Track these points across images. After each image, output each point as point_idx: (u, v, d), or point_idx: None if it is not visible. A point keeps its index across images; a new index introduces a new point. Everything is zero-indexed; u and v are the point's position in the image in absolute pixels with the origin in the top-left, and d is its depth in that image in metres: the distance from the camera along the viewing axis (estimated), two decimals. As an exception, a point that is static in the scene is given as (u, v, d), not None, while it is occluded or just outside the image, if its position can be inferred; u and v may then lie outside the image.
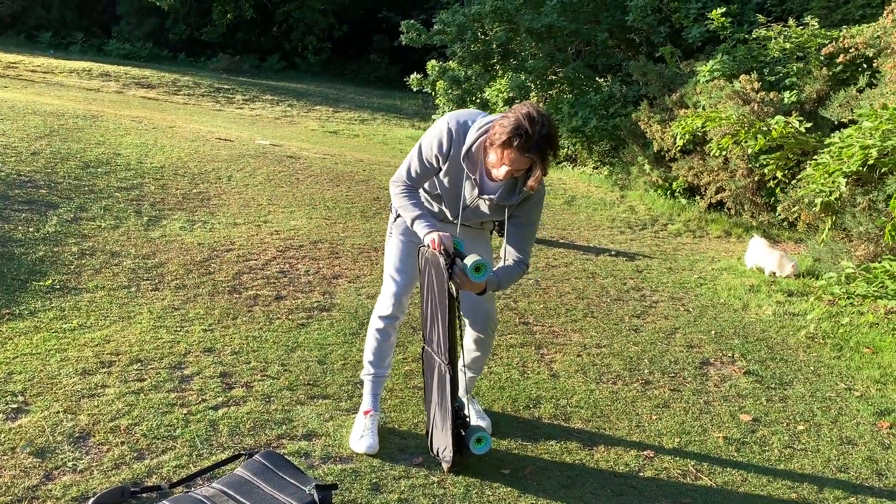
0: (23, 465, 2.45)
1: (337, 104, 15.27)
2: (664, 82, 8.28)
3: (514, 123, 2.38)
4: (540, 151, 2.41)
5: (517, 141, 2.38)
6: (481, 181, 2.64)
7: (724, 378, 3.86)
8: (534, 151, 2.40)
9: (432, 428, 2.80)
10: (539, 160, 2.44)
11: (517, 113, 2.41)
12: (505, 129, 2.39)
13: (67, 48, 18.56)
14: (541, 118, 2.40)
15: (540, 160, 2.44)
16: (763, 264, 5.68)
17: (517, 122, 2.38)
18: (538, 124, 2.38)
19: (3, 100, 8.76)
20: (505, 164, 2.46)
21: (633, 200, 8.04)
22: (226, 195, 6.24)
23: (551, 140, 2.42)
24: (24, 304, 3.71)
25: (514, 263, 2.72)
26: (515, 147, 2.39)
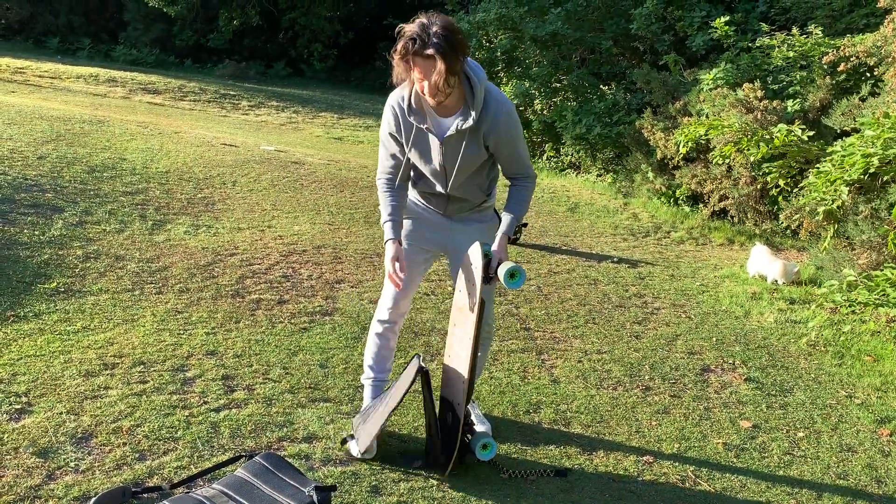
0: (25, 465, 2.48)
1: (342, 111, 15.32)
2: (668, 90, 8.31)
3: (405, 34, 2.41)
4: (435, 46, 2.36)
5: (411, 45, 2.39)
6: (436, 126, 2.64)
7: (725, 385, 3.87)
8: (430, 48, 2.37)
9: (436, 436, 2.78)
10: (438, 55, 2.37)
11: (408, 25, 2.44)
12: (399, 42, 2.43)
13: (75, 54, 18.67)
14: (430, 19, 2.41)
15: (439, 55, 2.37)
16: (765, 272, 5.69)
17: (407, 31, 2.41)
18: (427, 25, 2.39)
19: (10, 105, 8.83)
20: (419, 78, 2.46)
21: (636, 208, 8.06)
22: (230, 200, 6.27)
23: (445, 33, 2.38)
24: (29, 306, 3.74)
25: (518, 184, 2.76)
26: (413, 53, 2.40)
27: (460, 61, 2.44)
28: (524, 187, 2.77)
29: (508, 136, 2.64)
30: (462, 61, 2.46)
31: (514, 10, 10.20)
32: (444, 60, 2.38)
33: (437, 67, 2.40)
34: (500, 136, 2.62)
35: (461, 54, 2.44)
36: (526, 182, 2.77)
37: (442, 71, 2.40)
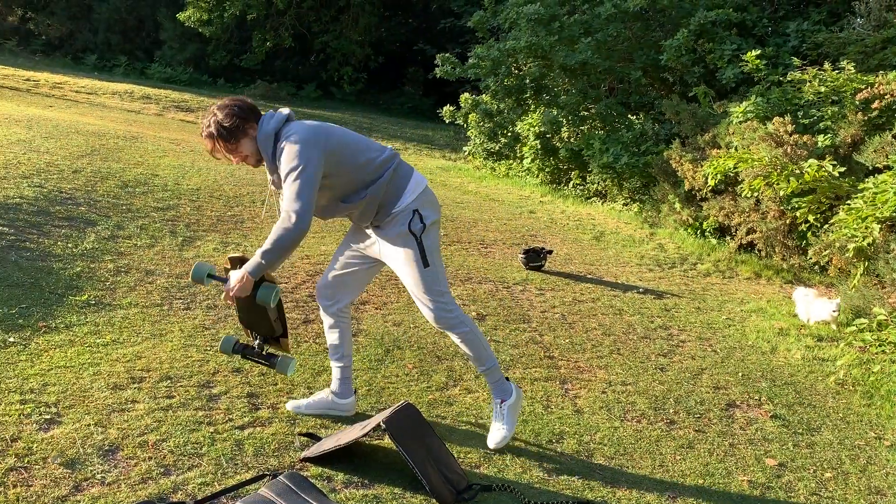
0: (53, 476, 2.50)
1: (370, 133, 15.47)
2: (697, 122, 8.30)
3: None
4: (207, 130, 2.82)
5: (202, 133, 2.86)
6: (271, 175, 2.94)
7: (751, 421, 3.82)
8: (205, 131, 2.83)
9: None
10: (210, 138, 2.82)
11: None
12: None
13: (111, 70, 19.08)
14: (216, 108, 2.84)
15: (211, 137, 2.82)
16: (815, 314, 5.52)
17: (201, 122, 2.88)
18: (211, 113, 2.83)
19: (48, 119, 9.03)
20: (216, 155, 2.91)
21: (662, 238, 8.02)
22: (259, 219, 6.35)
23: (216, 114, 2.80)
24: (61, 317, 3.80)
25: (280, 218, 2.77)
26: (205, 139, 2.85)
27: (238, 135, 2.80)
28: (277, 225, 2.68)
29: (282, 172, 2.74)
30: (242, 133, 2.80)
31: (545, 38, 10.28)
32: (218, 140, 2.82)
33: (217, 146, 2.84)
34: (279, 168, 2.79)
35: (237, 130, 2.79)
36: (283, 219, 2.68)
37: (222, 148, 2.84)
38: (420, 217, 2.91)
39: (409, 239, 2.90)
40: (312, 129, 2.77)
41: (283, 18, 20.07)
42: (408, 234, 2.89)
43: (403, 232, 2.90)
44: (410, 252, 2.90)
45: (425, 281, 2.93)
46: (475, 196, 9.68)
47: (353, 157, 2.85)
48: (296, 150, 2.69)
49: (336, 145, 2.80)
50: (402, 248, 2.92)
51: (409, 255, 2.91)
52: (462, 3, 18.36)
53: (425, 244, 2.90)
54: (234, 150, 2.82)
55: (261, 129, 2.79)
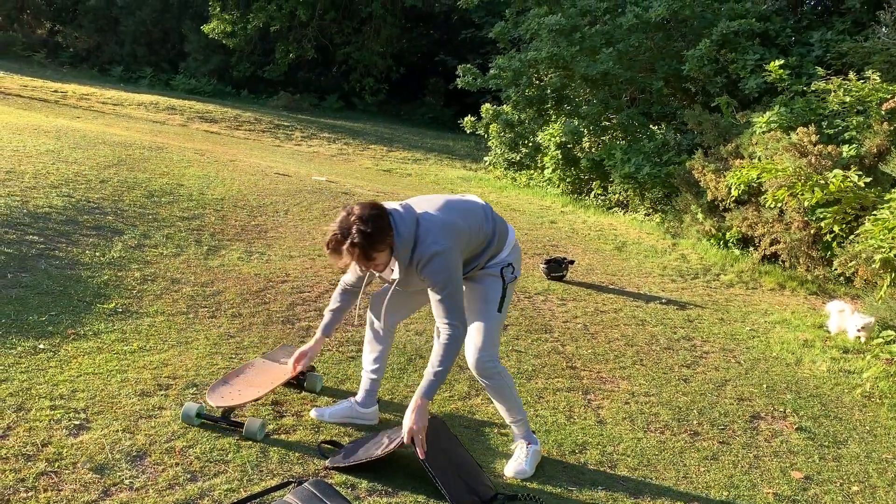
0: (83, 480, 2.55)
1: (391, 143, 15.55)
2: (720, 132, 8.26)
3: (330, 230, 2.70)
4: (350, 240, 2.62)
5: (333, 242, 2.68)
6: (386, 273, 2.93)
7: (776, 433, 3.79)
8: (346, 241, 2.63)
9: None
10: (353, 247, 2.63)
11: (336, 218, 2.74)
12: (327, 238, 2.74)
13: (137, 82, 19.37)
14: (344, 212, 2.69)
15: (353, 247, 2.63)
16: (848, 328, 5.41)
17: (332, 227, 2.70)
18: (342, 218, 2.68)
19: (75, 129, 9.18)
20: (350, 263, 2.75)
21: (685, 249, 7.98)
22: (282, 228, 6.40)
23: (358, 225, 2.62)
24: (89, 325, 3.86)
25: (441, 335, 2.74)
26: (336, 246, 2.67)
27: (379, 245, 2.66)
28: (444, 342, 2.72)
29: (428, 282, 2.74)
30: (384, 242, 2.67)
31: (566, 49, 10.30)
32: (361, 251, 2.64)
33: (359, 257, 2.67)
34: (424, 280, 2.75)
35: (379, 239, 2.65)
36: (447, 333, 2.72)
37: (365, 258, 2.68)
38: (512, 269, 2.97)
39: (497, 282, 2.94)
40: (448, 234, 2.75)
41: (305, 30, 20.27)
42: (498, 277, 2.94)
43: (495, 274, 2.95)
44: (492, 293, 2.93)
45: (490, 324, 2.94)
46: (496, 206, 9.69)
47: (475, 239, 2.89)
48: (443, 263, 2.70)
49: (465, 242, 2.83)
50: (486, 287, 2.94)
51: (490, 296, 2.93)
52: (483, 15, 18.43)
53: (507, 292, 2.95)
54: (370, 259, 2.70)
55: (399, 237, 2.70)
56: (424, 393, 2.71)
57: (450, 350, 2.70)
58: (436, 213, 2.80)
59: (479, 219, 2.91)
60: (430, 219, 2.76)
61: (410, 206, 2.80)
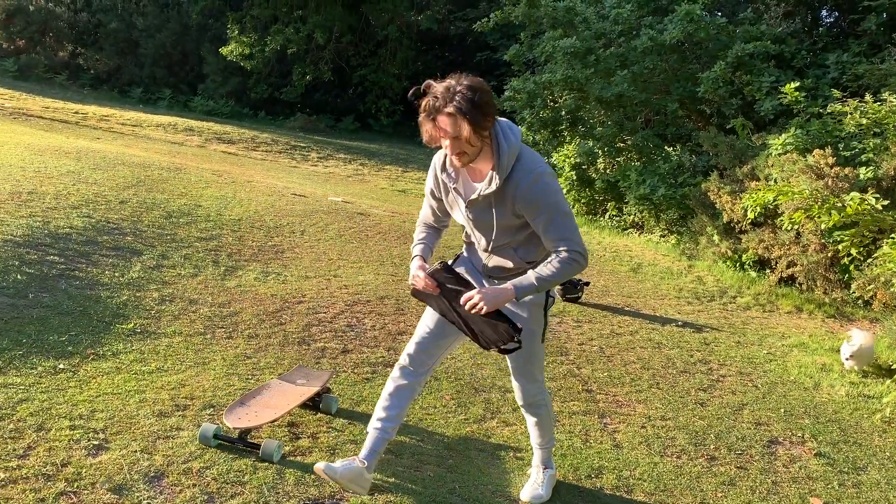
0: (102, 501, 2.56)
1: (406, 164, 15.64)
2: (735, 154, 8.25)
3: (430, 92, 2.41)
4: (457, 105, 2.33)
5: (433, 103, 2.37)
6: (465, 188, 2.61)
7: (794, 459, 3.75)
8: (451, 107, 2.33)
9: None
10: (459, 114, 2.33)
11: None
12: (424, 100, 2.41)
13: (156, 103, 19.62)
14: (457, 79, 2.38)
15: (460, 114, 2.33)
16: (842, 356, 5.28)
17: (431, 90, 2.40)
18: (452, 84, 2.36)
19: (95, 150, 9.31)
20: (442, 137, 2.42)
21: (700, 270, 7.95)
22: (299, 249, 6.45)
23: (468, 93, 2.33)
24: (108, 345, 3.90)
25: (555, 255, 2.50)
26: (435, 111, 2.37)
27: (484, 122, 2.38)
28: (563, 260, 2.48)
29: (537, 203, 2.46)
30: (488, 122, 2.39)
31: (581, 71, 10.35)
32: (465, 119, 2.34)
33: (458, 126, 2.36)
34: (527, 202, 2.47)
35: (486, 114, 2.37)
36: (570, 257, 2.48)
37: (463, 130, 2.36)
38: (553, 297, 2.79)
39: (539, 311, 2.73)
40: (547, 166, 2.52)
41: (322, 53, 20.49)
42: (541, 307, 2.72)
43: (538, 303, 2.72)
44: (535, 324, 2.73)
45: (536, 356, 2.81)
46: (511, 227, 9.70)
47: None
48: (552, 185, 2.47)
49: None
50: (529, 317, 2.71)
51: (533, 326, 2.73)
52: (498, 37, 18.56)
53: (547, 319, 2.77)
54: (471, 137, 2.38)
55: (507, 137, 2.44)
56: (517, 286, 2.49)
57: (565, 269, 2.47)
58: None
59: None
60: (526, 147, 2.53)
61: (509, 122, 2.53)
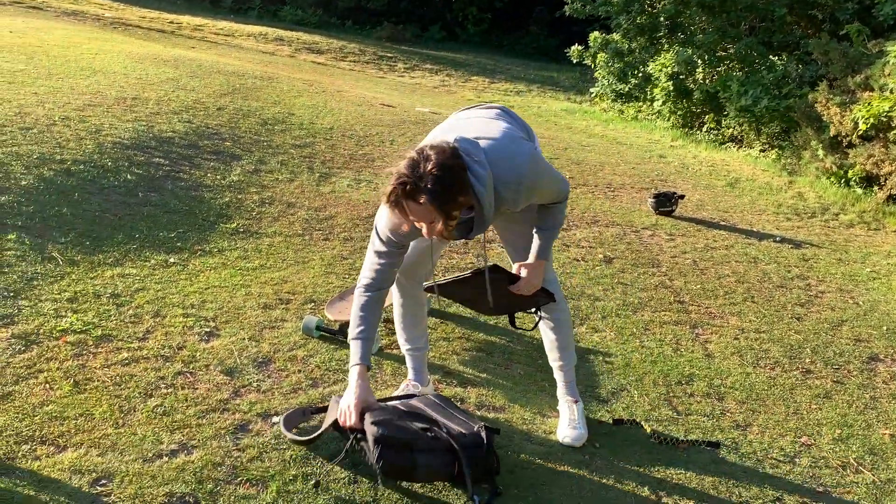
0: (215, 381, 2.75)
1: (494, 75, 15.35)
2: (848, 62, 7.73)
3: (395, 175, 2.08)
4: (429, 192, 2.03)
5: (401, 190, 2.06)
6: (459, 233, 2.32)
7: (895, 375, 3.64)
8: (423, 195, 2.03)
9: None
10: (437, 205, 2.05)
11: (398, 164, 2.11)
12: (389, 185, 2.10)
13: (246, 13, 19.74)
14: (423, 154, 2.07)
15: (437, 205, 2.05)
16: None
17: (397, 173, 2.08)
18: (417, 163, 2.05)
19: (191, 59, 9.52)
20: (416, 222, 2.16)
21: (802, 186, 7.61)
22: (388, 158, 6.51)
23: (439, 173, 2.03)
24: (213, 242, 4.09)
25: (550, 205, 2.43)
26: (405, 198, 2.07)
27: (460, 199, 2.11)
28: (556, 206, 2.46)
29: (529, 199, 2.33)
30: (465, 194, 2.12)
31: (683, -26, 9.80)
32: (440, 208, 2.06)
33: (434, 216, 2.09)
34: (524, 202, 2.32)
35: (460, 187, 2.10)
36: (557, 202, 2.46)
37: (440, 229, 2.12)
38: None
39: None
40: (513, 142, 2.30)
41: (409, -41, 20.04)
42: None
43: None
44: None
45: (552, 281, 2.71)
46: (601, 139, 9.48)
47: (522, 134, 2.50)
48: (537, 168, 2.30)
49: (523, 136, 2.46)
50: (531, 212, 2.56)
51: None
52: (593, -61, 17.68)
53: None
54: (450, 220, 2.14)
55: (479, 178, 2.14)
56: (541, 255, 2.47)
57: (562, 211, 2.48)
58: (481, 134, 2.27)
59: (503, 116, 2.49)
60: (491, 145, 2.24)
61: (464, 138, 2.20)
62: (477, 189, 2.14)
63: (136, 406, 2.54)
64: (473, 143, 2.19)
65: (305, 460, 2.38)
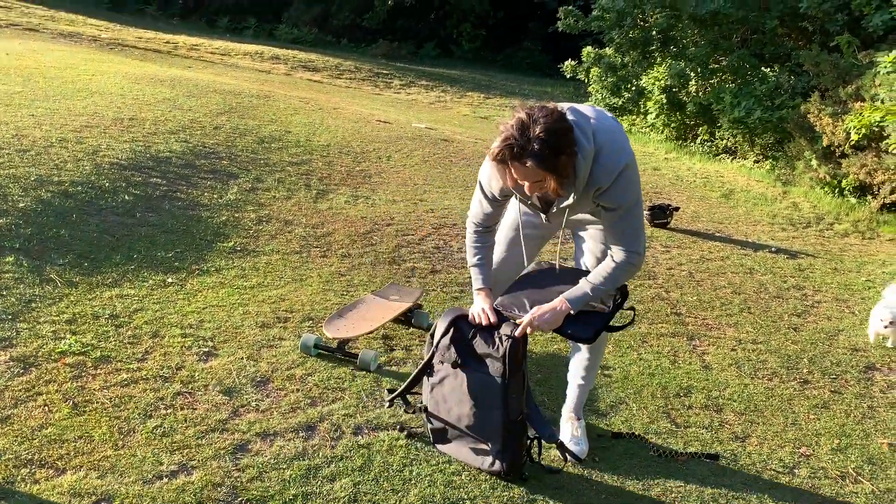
0: (214, 401, 2.76)
1: (488, 90, 15.44)
2: (839, 73, 7.79)
3: (503, 135, 2.13)
4: (536, 156, 2.09)
5: (508, 152, 2.12)
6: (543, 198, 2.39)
7: (892, 385, 3.66)
8: (529, 159, 2.09)
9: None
10: (543, 168, 2.10)
11: (507, 122, 2.16)
12: (496, 143, 2.15)
13: (241, 32, 19.87)
14: (532, 115, 2.11)
15: (544, 167, 2.10)
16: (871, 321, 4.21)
17: (506, 133, 2.13)
18: (526, 125, 2.10)
19: (188, 78, 9.57)
20: (519, 180, 2.21)
21: (796, 197, 7.65)
22: (385, 174, 6.54)
23: (547, 137, 2.07)
24: (211, 261, 4.10)
25: (616, 257, 2.37)
26: (511, 159, 2.13)
27: (567, 159, 2.14)
28: (618, 265, 2.36)
29: (614, 201, 2.28)
30: (570, 155, 2.15)
31: (674, -13, 9.88)
32: (547, 170, 2.11)
33: (540, 176, 2.15)
34: (606, 199, 2.28)
35: (567, 149, 2.13)
36: (625, 259, 2.35)
37: (547, 179, 2.16)
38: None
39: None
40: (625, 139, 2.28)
41: (404, -24, 20.20)
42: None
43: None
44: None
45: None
46: (597, 153, 9.52)
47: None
48: (631, 178, 2.26)
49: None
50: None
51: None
52: (585, -46, 17.84)
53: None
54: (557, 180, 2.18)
55: (582, 149, 2.17)
56: (571, 299, 2.39)
57: (620, 275, 2.37)
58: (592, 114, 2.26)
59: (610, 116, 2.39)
60: (598, 125, 2.23)
61: (577, 110, 2.24)
62: (578, 158, 2.16)
63: (136, 427, 2.54)
64: (585, 118, 2.21)
65: (305, 479, 2.39)
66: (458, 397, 2.51)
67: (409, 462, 2.55)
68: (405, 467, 2.52)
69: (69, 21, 15.22)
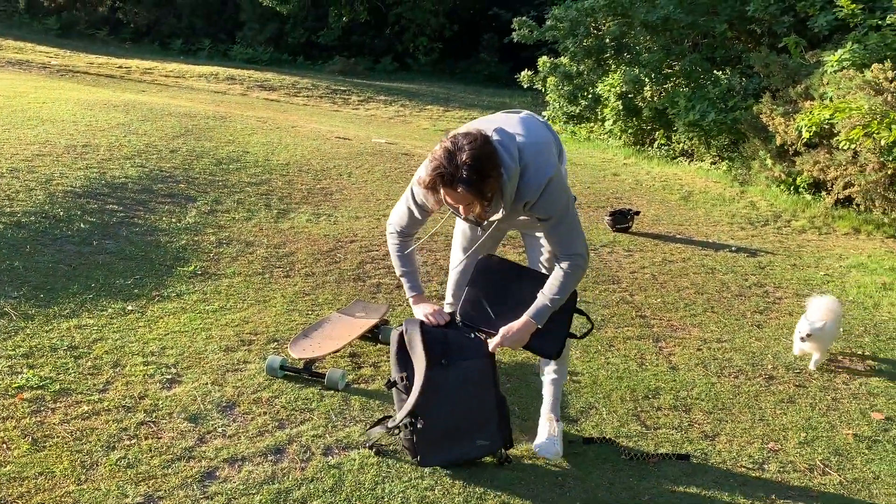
0: (179, 429, 2.70)
1: (447, 103, 15.50)
2: (788, 73, 7.97)
3: (433, 164, 2.29)
4: (465, 182, 2.25)
5: (440, 180, 2.29)
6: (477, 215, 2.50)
7: (854, 375, 3.73)
8: (459, 185, 2.26)
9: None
10: (472, 192, 2.27)
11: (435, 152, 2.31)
12: (427, 171, 2.32)
13: (196, 54, 19.68)
14: (457, 143, 2.28)
15: (473, 192, 2.27)
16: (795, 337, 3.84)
17: (435, 163, 2.28)
18: (453, 153, 2.26)
19: (142, 102, 9.44)
20: (453, 203, 2.38)
21: (753, 196, 7.79)
22: (347, 190, 6.51)
23: (474, 164, 2.24)
24: (172, 287, 4.03)
25: (562, 263, 2.49)
26: (443, 186, 2.30)
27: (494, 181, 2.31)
28: (566, 272, 2.49)
29: (544, 211, 2.44)
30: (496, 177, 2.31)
31: (624, -5, 10.03)
32: (476, 194, 2.29)
33: (470, 200, 2.32)
34: (537, 210, 2.44)
35: (493, 171, 2.29)
36: (570, 264, 2.49)
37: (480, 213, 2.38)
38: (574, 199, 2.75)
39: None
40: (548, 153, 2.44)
41: (357, -8, 20.21)
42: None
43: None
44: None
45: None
46: (557, 161, 9.60)
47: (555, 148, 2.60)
48: (557, 188, 2.40)
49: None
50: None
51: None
52: (536, -34, 18.04)
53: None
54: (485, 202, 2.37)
55: (507, 168, 2.33)
56: (535, 315, 2.51)
57: (572, 280, 2.49)
58: (519, 131, 2.42)
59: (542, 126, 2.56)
60: (525, 141, 2.39)
61: (503, 130, 2.39)
62: (503, 178, 2.33)
63: (99, 460, 2.48)
64: (511, 137, 2.38)
65: None
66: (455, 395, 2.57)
67: (381, 480, 2.52)
68: (377, 485, 2.49)
69: (17, 49, 14.94)
